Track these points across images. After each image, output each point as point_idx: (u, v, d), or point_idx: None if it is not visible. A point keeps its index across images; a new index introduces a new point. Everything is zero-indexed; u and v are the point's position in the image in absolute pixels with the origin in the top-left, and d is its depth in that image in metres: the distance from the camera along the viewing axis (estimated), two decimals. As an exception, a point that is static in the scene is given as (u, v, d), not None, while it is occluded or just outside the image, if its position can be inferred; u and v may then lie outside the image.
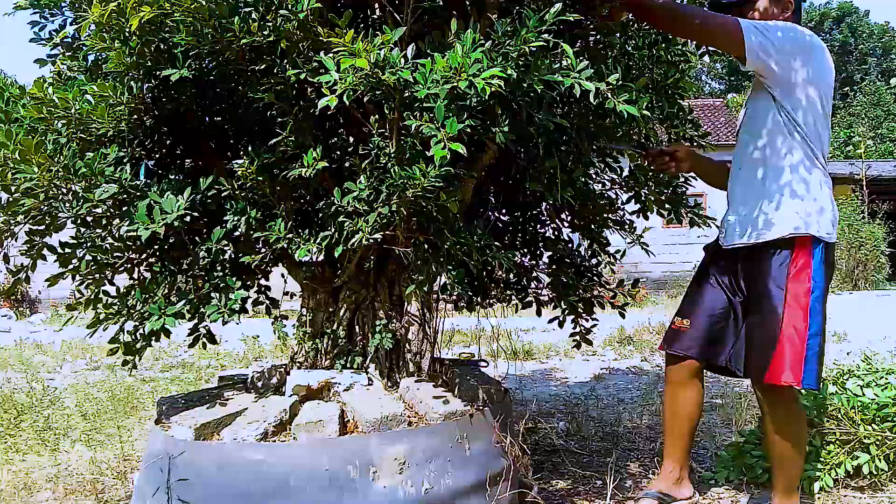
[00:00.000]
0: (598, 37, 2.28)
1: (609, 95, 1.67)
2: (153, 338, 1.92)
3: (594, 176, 2.68)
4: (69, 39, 2.13)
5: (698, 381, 2.21)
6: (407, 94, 1.59)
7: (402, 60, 1.55)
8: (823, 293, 1.97)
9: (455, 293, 2.01)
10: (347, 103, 1.54)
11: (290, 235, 1.89)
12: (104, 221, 1.94)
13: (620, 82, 1.66)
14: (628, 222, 2.68)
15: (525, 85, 1.62)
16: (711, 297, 2.16)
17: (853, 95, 35.32)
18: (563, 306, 2.59)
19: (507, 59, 1.58)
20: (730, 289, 2.14)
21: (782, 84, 1.96)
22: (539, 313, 2.75)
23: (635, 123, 2.30)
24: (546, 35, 1.58)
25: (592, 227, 2.61)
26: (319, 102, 1.56)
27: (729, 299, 2.13)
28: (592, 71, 1.64)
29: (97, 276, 2.02)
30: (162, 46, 1.81)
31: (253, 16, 1.68)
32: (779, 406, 2.01)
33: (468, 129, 1.53)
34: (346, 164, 2.01)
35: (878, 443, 2.39)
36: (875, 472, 2.37)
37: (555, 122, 1.84)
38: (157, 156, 2.20)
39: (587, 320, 2.65)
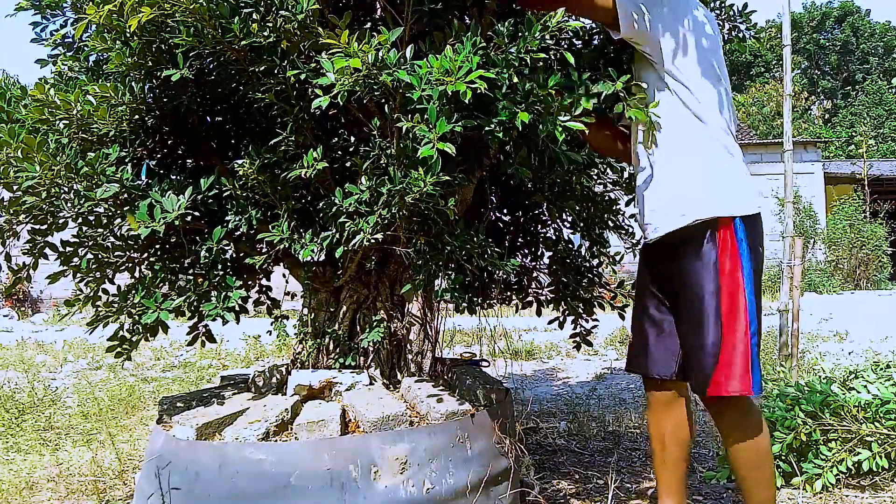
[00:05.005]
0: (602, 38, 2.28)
1: (622, 98, 1.64)
2: (150, 331, 1.92)
3: (595, 178, 2.68)
4: (70, 39, 2.13)
5: (682, 397, 1.96)
6: (407, 96, 1.59)
7: (402, 61, 1.55)
8: (754, 282, 1.74)
9: (453, 299, 1.99)
10: (342, 103, 1.54)
11: (292, 235, 1.89)
12: (105, 220, 1.95)
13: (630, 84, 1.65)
14: (627, 226, 2.68)
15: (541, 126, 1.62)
16: (651, 305, 1.95)
17: (855, 95, 35.31)
18: (564, 307, 2.59)
19: (508, 65, 1.58)
20: (662, 291, 1.93)
21: (663, 51, 1.76)
22: (539, 313, 2.75)
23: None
24: (547, 41, 1.58)
25: (594, 228, 2.60)
26: (314, 103, 1.56)
27: (665, 304, 1.92)
28: (588, 74, 1.64)
29: (98, 274, 2.02)
30: (163, 47, 1.81)
31: (253, 16, 1.68)
32: (730, 417, 1.79)
33: (461, 129, 1.53)
34: (348, 164, 2.02)
35: (879, 440, 2.39)
36: (876, 469, 2.37)
37: (574, 157, 1.83)
38: (159, 156, 2.20)
39: (587, 321, 2.65)
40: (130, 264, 2.08)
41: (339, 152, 2.08)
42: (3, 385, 4.58)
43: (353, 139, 2.10)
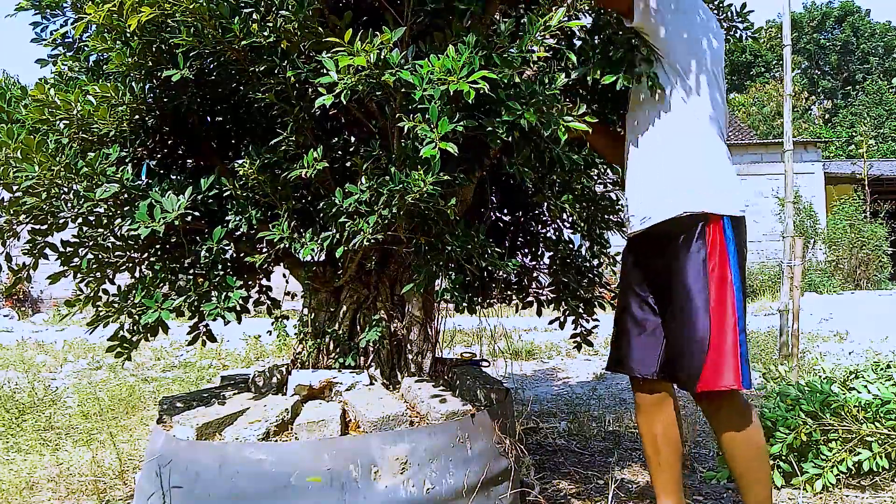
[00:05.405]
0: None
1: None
2: (150, 331, 1.92)
3: (596, 178, 2.68)
4: (70, 39, 2.13)
5: (669, 396, 1.96)
6: (408, 95, 1.59)
7: (403, 61, 1.55)
8: (741, 279, 1.76)
9: (453, 299, 1.99)
10: (345, 102, 1.54)
11: (292, 235, 1.89)
12: (105, 221, 1.95)
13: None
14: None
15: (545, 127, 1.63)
16: (634, 304, 1.95)
17: (855, 95, 35.31)
18: (564, 307, 2.59)
19: (508, 65, 1.58)
20: (649, 288, 1.93)
21: (670, 46, 1.79)
22: (540, 313, 2.75)
23: None
24: (550, 41, 1.58)
25: (594, 228, 2.60)
26: (317, 101, 1.56)
27: (648, 302, 1.92)
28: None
29: (98, 274, 2.02)
30: (163, 47, 1.81)
31: (254, 16, 1.68)
32: (726, 414, 1.79)
33: (462, 129, 1.53)
34: (348, 164, 2.02)
35: (880, 440, 2.39)
36: (876, 469, 2.37)
37: (573, 158, 1.83)
38: (159, 156, 2.20)
39: (588, 321, 2.65)
40: (130, 264, 2.08)
41: (339, 152, 2.08)
42: (4, 385, 4.58)
43: (353, 139, 2.10)
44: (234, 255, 2.12)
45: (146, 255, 2.11)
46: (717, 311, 1.73)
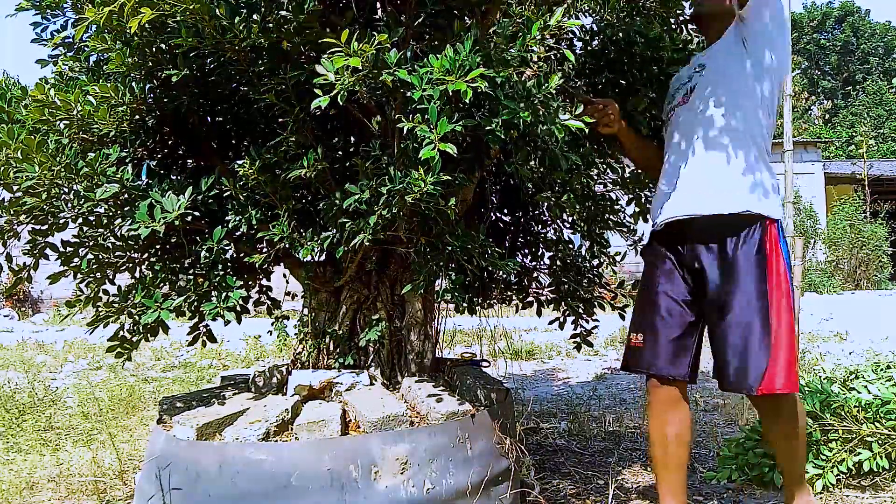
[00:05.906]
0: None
1: None
2: (150, 331, 1.92)
3: (596, 177, 2.68)
4: (70, 40, 2.13)
5: (685, 398, 1.97)
6: (407, 95, 1.59)
7: (402, 60, 1.55)
8: (793, 283, 1.83)
9: (453, 299, 1.99)
10: (342, 103, 1.54)
11: (293, 235, 1.89)
12: (105, 221, 1.95)
13: None
14: (629, 225, 2.68)
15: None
16: (664, 305, 1.94)
17: (855, 95, 35.29)
18: (564, 307, 2.59)
19: (507, 65, 1.57)
20: (683, 289, 1.93)
21: (759, 45, 1.86)
22: (540, 314, 2.75)
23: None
24: (549, 41, 1.59)
25: (594, 227, 2.60)
26: (313, 103, 1.55)
27: (682, 303, 1.93)
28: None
29: (98, 274, 2.02)
30: (163, 47, 1.81)
31: (254, 17, 1.68)
32: (783, 411, 1.86)
33: (462, 129, 1.52)
34: (348, 165, 2.02)
35: (880, 441, 2.39)
36: (877, 470, 2.37)
37: (572, 158, 1.84)
38: (159, 156, 2.20)
39: (588, 321, 2.65)
40: (131, 264, 2.08)
41: (339, 152, 2.08)
42: (4, 385, 4.58)
43: (353, 139, 2.10)
44: (234, 255, 2.12)
45: (146, 255, 2.11)
46: (779, 316, 1.77)
